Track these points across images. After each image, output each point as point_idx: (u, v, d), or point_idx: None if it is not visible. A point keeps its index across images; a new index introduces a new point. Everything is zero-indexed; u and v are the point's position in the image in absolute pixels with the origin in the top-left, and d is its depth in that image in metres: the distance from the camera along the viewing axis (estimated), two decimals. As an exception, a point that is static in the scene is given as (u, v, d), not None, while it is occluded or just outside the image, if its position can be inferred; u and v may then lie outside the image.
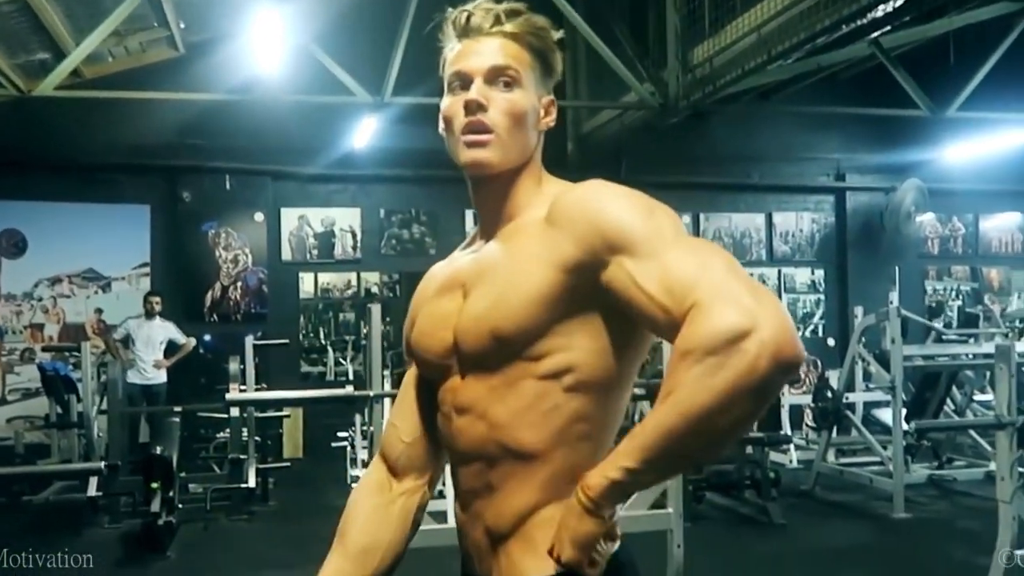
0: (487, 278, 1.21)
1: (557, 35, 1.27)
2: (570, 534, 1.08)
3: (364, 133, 8.16)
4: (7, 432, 7.82)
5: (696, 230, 9.91)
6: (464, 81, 1.23)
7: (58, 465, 6.86)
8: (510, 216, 1.26)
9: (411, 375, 1.39)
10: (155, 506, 5.11)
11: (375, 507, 1.35)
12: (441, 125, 1.28)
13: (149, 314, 7.70)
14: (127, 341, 7.63)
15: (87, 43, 6.55)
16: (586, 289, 1.13)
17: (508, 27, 1.23)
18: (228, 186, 8.72)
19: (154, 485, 5.13)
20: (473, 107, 1.21)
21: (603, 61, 7.16)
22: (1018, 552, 3.67)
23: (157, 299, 7.77)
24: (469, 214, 8.93)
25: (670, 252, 1.08)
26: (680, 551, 3.40)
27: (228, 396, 4.38)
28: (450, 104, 1.24)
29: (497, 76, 1.22)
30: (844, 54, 7.31)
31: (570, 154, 9.22)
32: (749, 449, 5.93)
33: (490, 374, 1.18)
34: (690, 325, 1.01)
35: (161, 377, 7.70)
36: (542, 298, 1.13)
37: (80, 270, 8.51)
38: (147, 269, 8.64)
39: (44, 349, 8.20)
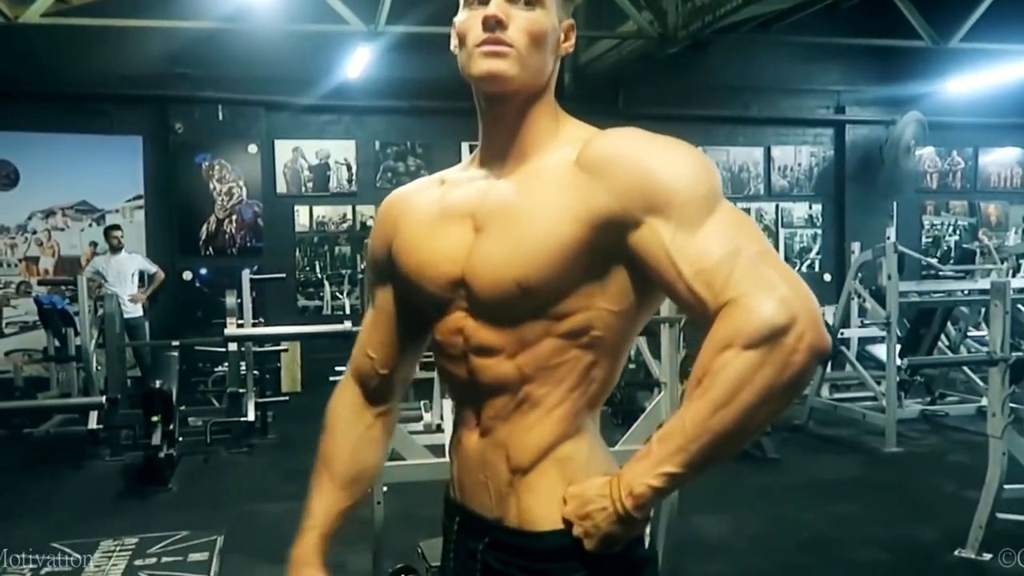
0: (504, 218, 1.15)
1: None
2: (600, 533, 1.07)
3: (357, 63, 8.03)
4: (6, 365, 7.85)
5: (694, 163, 9.83)
6: None
7: (59, 399, 6.89)
8: (524, 149, 1.20)
9: (384, 302, 1.36)
10: (156, 439, 5.16)
11: (358, 435, 1.39)
12: (454, 41, 1.20)
13: (114, 248, 7.67)
14: (97, 278, 7.58)
15: (73, -31, 6.39)
16: (612, 247, 1.09)
17: None
18: (221, 117, 8.60)
19: (154, 419, 5.17)
20: (492, 23, 1.13)
21: (602, -10, 7.03)
22: (1007, 487, 3.73)
23: (120, 232, 7.75)
24: (465, 146, 8.84)
25: (706, 225, 1.04)
26: (675, 485, 3.45)
27: (227, 331, 4.39)
28: (466, 18, 1.17)
29: None
30: (847, -18, 7.17)
31: (567, 86, 9.09)
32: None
33: (509, 325, 1.14)
34: (726, 319, 0.99)
35: (137, 311, 7.70)
36: (571, 253, 1.09)
37: (74, 202, 8.44)
38: (141, 202, 8.57)
39: (40, 283, 8.19)
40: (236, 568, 3.94)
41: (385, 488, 3.66)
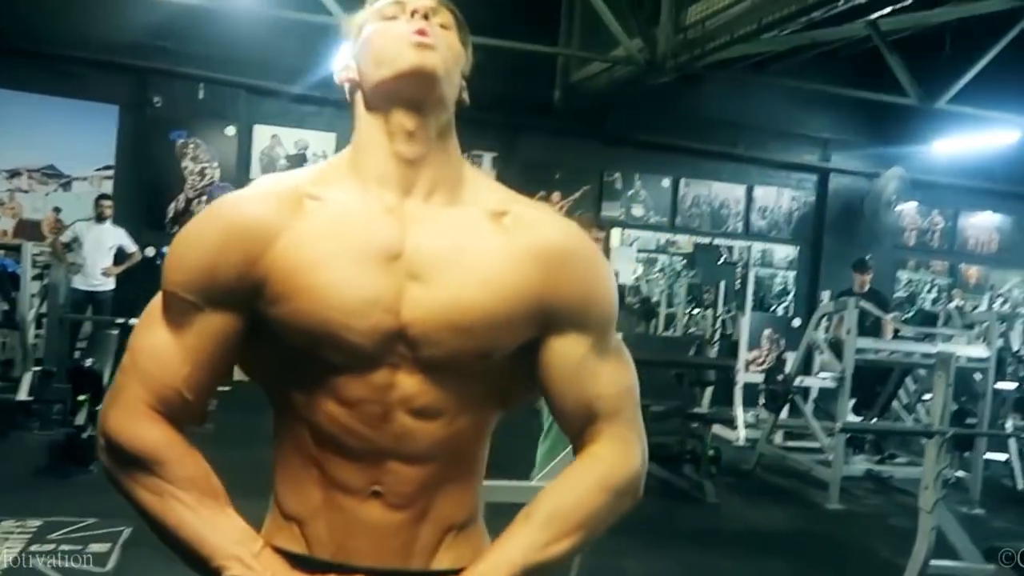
0: (448, 271, 1.05)
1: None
2: None
3: (343, 57, 7.90)
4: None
5: (675, 195, 9.79)
6: (404, 8, 1.12)
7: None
8: (436, 183, 1.10)
9: (214, 331, 1.08)
10: (80, 419, 5.00)
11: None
12: (344, 74, 1.19)
13: (100, 218, 7.50)
14: (74, 244, 7.41)
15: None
16: (530, 336, 1.11)
17: None
18: (201, 95, 8.44)
19: (81, 398, 5.02)
20: (422, 12, 1.10)
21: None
22: (933, 562, 3.65)
23: (109, 203, 7.58)
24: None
25: (612, 356, 1.14)
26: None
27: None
28: (382, 25, 1.12)
29: (436, 15, 1.12)
30: (839, 32, 7.12)
31: (556, 101, 9.02)
32: (694, 424, 5.89)
33: (458, 385, 1.09)
34: (612, 462, 1.12)
35: (108, 284, 7.52)
36: (521, 324, 1.09)
37: (41, 165, 8.22)
38: (110, 172, 8.38)
39: (-11, 246, 7.96)
40: (136, 563, 3.74)
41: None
